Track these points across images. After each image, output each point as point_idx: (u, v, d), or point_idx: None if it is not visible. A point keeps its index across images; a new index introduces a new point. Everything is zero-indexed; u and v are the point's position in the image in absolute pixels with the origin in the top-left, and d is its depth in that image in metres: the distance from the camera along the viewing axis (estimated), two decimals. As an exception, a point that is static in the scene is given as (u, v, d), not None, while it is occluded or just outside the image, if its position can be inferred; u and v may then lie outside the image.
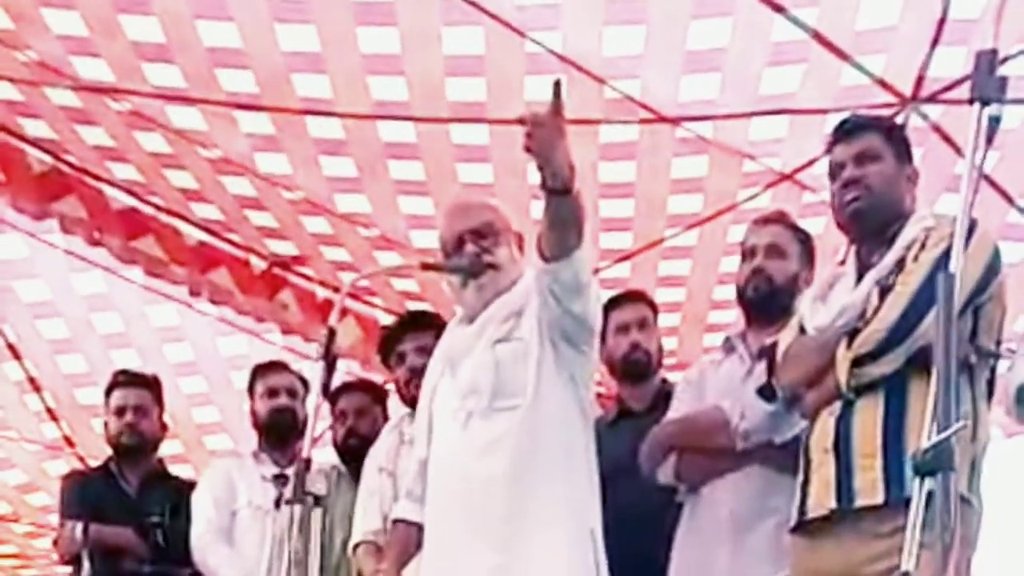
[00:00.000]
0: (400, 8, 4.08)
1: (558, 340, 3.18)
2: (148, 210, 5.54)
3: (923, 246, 3.01)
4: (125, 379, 5.04)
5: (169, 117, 4.78)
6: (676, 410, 3.69)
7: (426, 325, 4.14)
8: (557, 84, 2.89)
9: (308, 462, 3.18)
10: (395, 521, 3.47)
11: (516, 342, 3.19)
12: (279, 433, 4.65)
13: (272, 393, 4.74)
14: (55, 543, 4.87)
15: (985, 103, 2.17)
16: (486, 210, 3.40)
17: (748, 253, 3.70)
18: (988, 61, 2.19)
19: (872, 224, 3.14)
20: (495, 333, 3.21)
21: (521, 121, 2.90)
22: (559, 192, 2.92)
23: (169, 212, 5.55)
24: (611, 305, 4.12)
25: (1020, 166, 4.52)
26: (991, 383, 3.09)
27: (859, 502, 2.95)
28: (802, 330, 3.20)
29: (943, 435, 2.03)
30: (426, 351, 3.74)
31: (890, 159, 3.16)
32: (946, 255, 2.21)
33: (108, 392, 5.01)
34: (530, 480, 3.10)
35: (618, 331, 4.16)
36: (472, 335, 3.25)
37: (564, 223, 2.98)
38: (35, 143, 5.22)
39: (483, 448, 3.14)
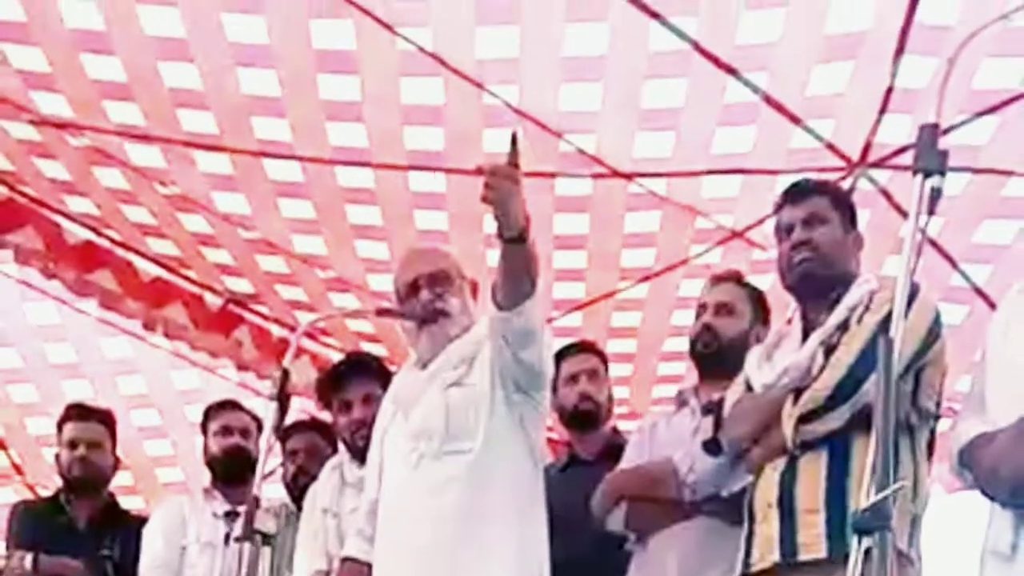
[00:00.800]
0: (361, 57, 4.13)
1: (509, 386, 3.23)
2: (104, 243, 5.54)
3: (867, 308, 3.08)
4: (79, 413, 5.00)
5: (128, 154, 4.81)
6: (628, 460, 3.75)
7: (369, 371, 4.11)
8: (514, 136, 2.96)
9: (258, 500, 3.21)
10: (344, 559, 3.50)
11: (468, 387, 3.25)
12: (231, 472, 4.65)
13: (225, 432, 4.75)
14: (2, 572, 4.82)
15: (927, 175, 2.22)
16: (441, 257, 3.47)
17: (700, 309, 3.77)
18: (930, 134, 2.24)
19: (819, 285, 3.20)
20: (447, 378, 3.27)
21: (479, 171, 2.97)
22: (514, 241, 2.98)
23: (125, 246, 5.56)
24: (562, 355, 4.17)
25: (963, 231, 4.64)
26: (931, 443, 3.15)
27: (802, 556, 3.00)
28: (748, 387, 3.26)
29: (881, 495, 2.08)
30: (372, 400, 3.78)
31: (837, 223, 3.23)
32: (888, 318, 2.27)
33: (61, 424, 4.97)
34: (479, 523, 3.15)
35: (568, 381, 4.23)
36: (424, 380, 3.31)
37: (518, 272, 3.05)
38: (-9, 174, 5.24)
39: (433, 489, 3.18)
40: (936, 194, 2.22)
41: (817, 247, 3.19)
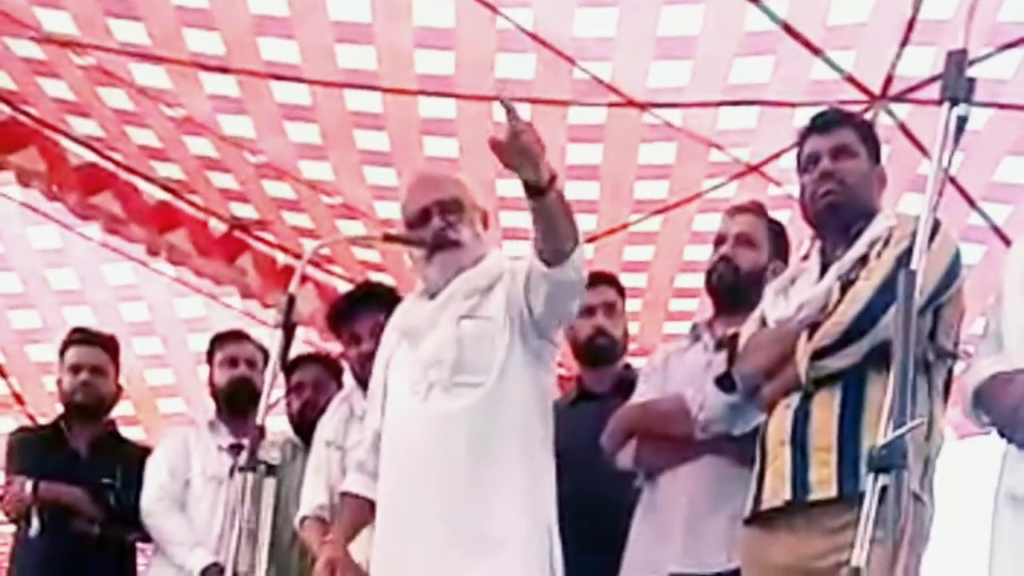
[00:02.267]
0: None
1: (530, 330, 3.16)
2: (108, 166, 5.48)
3: (886, 243, 3.02)
4: (82, 337, 4.97)
5: (133, 74, 4.73)
6: (640, 394, 3.69)
7: (379, 301, 4.05)
8: (507, 107, 2.85)
9: (262, 430, 3.16)
10: (344, 494, 3.45)
11: (482, 320, 3.17)
12: (237, 403, 4.60)
13: (231, 362, 4.72)
14: (1, 499, 4.79)
15: (954, 103, 2.16)
16: (453, 184, 3.37)
17: (719, 240, 3.70)
18: (958, 61, 2.19)
19: (843, 219, 3.14)
20: (459, 309, 3.19)
21: (492, 144, 2.86)
22: (542, 191, 2.89)
23: (129, 170, 5.50)
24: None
25: (983, 168, 4.56)
26: (947, 384, 3.09)
27: (813, 495, 2.96)
28: (764, 323, 3.20)
29: (898, 432, 2.03)
30: (381, 332, 3.72)
31: (864, 157, 3.16)
32: (909, 253, 2.20)
33: (64, 349, 4.94)
34: (488, 460, 3.08)
35: (584, 312, 4.11)
36: (435, 309, 3.23)
37: (557, 224, 2.95)
38: (-6, 93, 5.17)
39: (442, 423, 3.11)
40: (962, 123, 2.15)
41: (844, 180, 3.12)
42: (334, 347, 5.21)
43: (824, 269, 3.14)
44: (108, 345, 4.98)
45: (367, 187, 5.13)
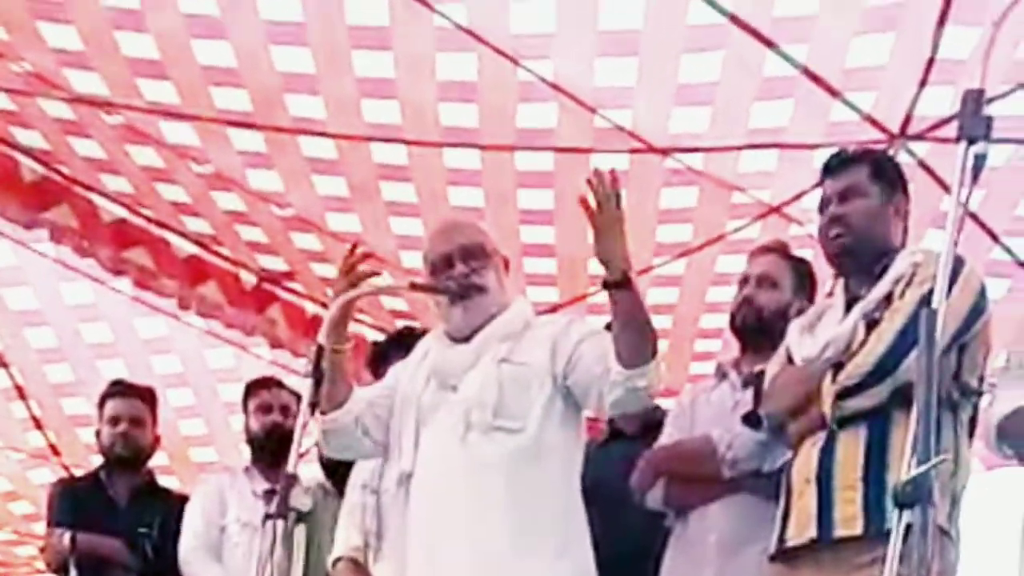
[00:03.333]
0: (395, 33, 4.11)
1: (571, 393, 3.19)
2: (139, 222, 5.55)
3: (910, 282, 3.05)
4: (121, 389, 5.03)
5: (162, 132, 4.81)
6: (668, 436, 3.73)
7: (414, 344, 4.11)
8: (613, 176, 2.92)
9: (293, 478, 3.18)
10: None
11: (520, 366, 3.19)
12: (271, 450, 4.62)
13: (265, 409, 4.75)
14: (42, 550, 4.84)
15: (971, 141, 2.19)
16: (474, 231, 3.41)
17: (742, 282, 3.74)
18: (975, 100, 2.21)
19: (855, 260, 3.18)
20: (498, 352, 3.21)
21: (583, 204, 2.94)
22: (618, 285, 2.94)
23: (160, 224, 5.57)
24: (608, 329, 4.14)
25: (1004, 204, 4.58)
26: (973, 420, 3.12)
27: (838, 533, 2.98)
28: (790, 360, 3.23)
29: (923, 468, 2.05)
30: None
31: (875, 194, 3.19)
32: (932, 292, 2.23)
33: (103, 401, 4.99)
34: (527, 509, 3.09)
35: None
36: (471, 352, 3.24)
37: (632, 324, 2.98)
38: (27, 152, 5.24)
39: (480, 467, 3.12)
40: (980, 161, 2.18)
41: (849, 223, 3.17)
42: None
43: (849, 306, 3.17)
44: (146, 396, 5.04)
45: (393, 237, 5.18)
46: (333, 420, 3.29)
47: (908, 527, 2.05)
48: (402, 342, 4.26)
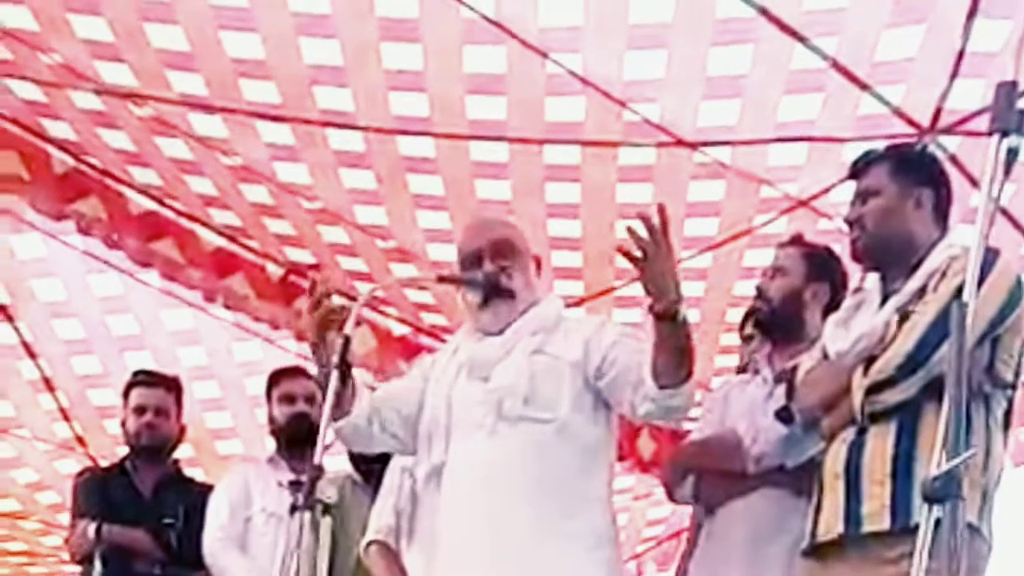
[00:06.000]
0: (424, 26, 4.11)
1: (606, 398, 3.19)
2: (167, 213, 5.57)
3: (943, 275, 3.03)
4: (147, 379, 5.04)
5: (191, 124, 4.83)
6: (699, 430, 3.73)
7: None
8: (662, 210, 2.88)
9: (320, 469, 3.19)
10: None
11: (551, 358, 3.19)
12: (296, 439, 4.63)
13: (289, 399, 4.75)
14: (67, 541, 4.86)
15: (1004, 135, 2.17)
16: (506, 228, 3.42)
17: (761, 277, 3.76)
18: (1007, 93, 2.19)
19: (877, 259, 3.19)
20: (529, 344, 3.21)
21: (623, 251, 2.89)
22: (666, 317, 2.92)
23: (188, 216, 5.59)
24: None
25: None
26: (1008, 414, 3.10)
27: (866, 528, 2.98)
28: (825, 355, 3.23)
29: (953, 463, 2.03)
30: None
31: (892, 191, 3.18)
32: (964, 285, 2.22)
33: (127, 391, 5.00)
34: (556, 501, 3.09)
35: None
36: (502, 345, 3.24)
37: (672, 352, 2.96)
38: (57, 143, 5.26)
39: (509, 456, 3.12)
40: (1013, 155, 2.17)
41: (864, 224, 3.18)
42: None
43: (884, 300, 3.16)
44: (171, 386, 5.04)
45: (420, 230, 5.18)
46: (340, 427, 3.31)
47: (937, 522, 2.04)
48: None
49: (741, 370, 3.97)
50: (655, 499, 6.67)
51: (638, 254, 2.85)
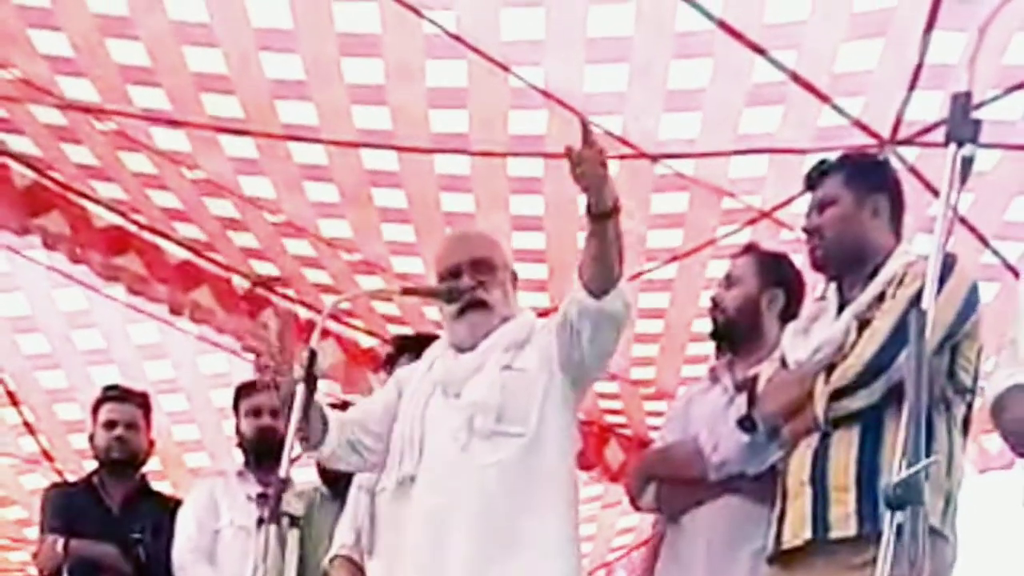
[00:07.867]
0: (385, 40, 4.12)
1: (565, 376, 3.22)
2: (131, 228, 5.55)
3: (901, 282, 3.07)
4: (116, 394, 5.03)
5: (154, 138, 4.82)
6: (661, 438, 3.75)
7: (422, 348, 4.12)
8: (584, 125, 2.95)
9: (286, 483, 3.21)
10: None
11: (520, 372, 3.22)
12: (264, 452, 4.61)
13: (256, 412, 4.74)
14: (35, 556, 4.84)
15: (960, 144, 2.21)
16: (485, 244, 3.45)
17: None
18: (963, 104, 2.23)
19: (835, 267, 3.23)
20: (501, 359, 3.24)
21: (567, 154, 2.95)
22: (606, 215, 2.97)
23: (152, 230, 5.57)
24: None
25: (993, 208, 4.60)
26: (967, 419, 3.13)
27: (833, 534, 3.00)
28: (784, 363, 3.25)
29: (913, 469, 2.06)
30: None
31: (848, 199, 3.22)
32: (922, 291, 2.25)
33: (97, 406, 4.99)
34: (528, 515, 3.13)
35: None
36: (474, 360, 3.27)
37: (608, 251, 3.02)
38: (18, 158, 5.24)
39: (482, 473, 3.15)
40: (968, 163, 2.20)
41: (822, 234, 3.22)
42: (356, 399, 5.26)
43: (842, 308, 3.19)
44: (141, 401, 5.04)
45: (384, 243, 5.19)
46: (319, 454, 3.36)
47: (899, 528, 2.06)
48: (408, 345, 4.25)
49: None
50: (624, 508, 6.69)
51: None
